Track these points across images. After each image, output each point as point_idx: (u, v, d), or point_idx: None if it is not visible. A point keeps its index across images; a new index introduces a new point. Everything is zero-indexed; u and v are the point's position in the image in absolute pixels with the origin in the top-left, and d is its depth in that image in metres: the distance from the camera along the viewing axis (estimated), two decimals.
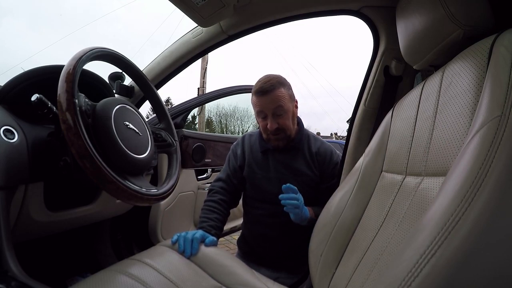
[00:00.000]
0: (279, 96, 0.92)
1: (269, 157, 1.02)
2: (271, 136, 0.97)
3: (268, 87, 0.92)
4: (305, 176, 0.99)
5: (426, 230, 0.33)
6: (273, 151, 1.02)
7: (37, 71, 0.76)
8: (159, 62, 1.07)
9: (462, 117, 0.43)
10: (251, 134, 1.10)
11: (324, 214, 0.77)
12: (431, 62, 0.61)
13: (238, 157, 1.07)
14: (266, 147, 1.02)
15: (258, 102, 0.94)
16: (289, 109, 0.96)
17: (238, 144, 1.11)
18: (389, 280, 0.34)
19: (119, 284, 0.56)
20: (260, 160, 1.03)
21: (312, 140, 1.03)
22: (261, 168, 1.02)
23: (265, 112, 0.94)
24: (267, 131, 0.96)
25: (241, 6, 0.87)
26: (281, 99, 0.92)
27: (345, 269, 0.63)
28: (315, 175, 0.99)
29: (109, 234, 1.25)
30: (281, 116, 0.94)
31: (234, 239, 2.41)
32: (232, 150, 1.11)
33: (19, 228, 0.74)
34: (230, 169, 1.06)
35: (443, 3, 0.51)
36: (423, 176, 0.50)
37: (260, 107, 0.94)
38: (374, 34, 0.91)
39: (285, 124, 0.95)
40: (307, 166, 0.99)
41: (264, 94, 0.92)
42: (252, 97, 0.97)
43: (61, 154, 0.69)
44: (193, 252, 0.73)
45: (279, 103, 0.92)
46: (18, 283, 0.55)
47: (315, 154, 1.00)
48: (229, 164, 1.08)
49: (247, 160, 1.05)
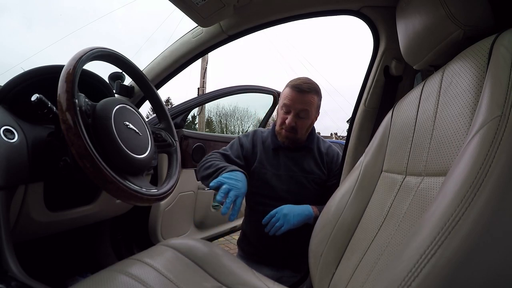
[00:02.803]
0: (311, 101, 0.96)
1: (280, 155, 1.04)
2: (283, 132, 0.98)
3: (306, 88, 0.95)
4: (314, 174, 1.01)
5: (426, 230, 0.33)
6: (284, 149, 1.03)
7: (37, 71, 0.76)
8: (159, 62, 1.07)
9: (462, 117, 0.43)
10: (262, 130, 1.11)
11: (324, 214, 0.77)
12: (431, 62, 0.61)
13: (244, 149, 1.06)
14: (278, 144, 1.03)
15: (289, 96, 0.96)
16: (311, 117, 0.99)
17: (248, 136, 1.09)
18: (389, 280, 0.34)
19: (119, 284, 0.56)
20: (271, 157, 1.04)
21: (321, 142, 1.09)
22: (272, 165, 1.03)
23: (291, 109, 0.96)
24: (283, 125, 0.98)
25: (241, 6, 0.87)
26: (310, 104, 0.96)
27: (345, 269, 0.63)
28: (324, 174, 1.02)
29: (109, 234, 1.25)
30: (302, 120, 0.97)
31: (234, 239, 2.41)
32: (239, 139, 1.09)
33: (19, 228, 0.74)
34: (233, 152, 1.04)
35: (443, 3, 0.51)
36: (423, 176, 0.50)
37: (289, 102, 0.96)
38: (374, 34, 0.91)
39: (301, 128, 0.98)
40: (316, 165, 1.02)
41: (300, 92, 0.95)
42: (285, 89, 0.99)
43: (61, 154, 0.69)
44: (230, 219, 0.76)
45: (307, 107, 0.96)
46: (18, 283, 0.55)
47: (324, 154, 1.04)
48: (232, 148, 1.07)
49: (259, 156, 1.05)
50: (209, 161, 0.98)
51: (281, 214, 0.88)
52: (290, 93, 0.96)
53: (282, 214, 0.88)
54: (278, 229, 0.87)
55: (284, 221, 0.87)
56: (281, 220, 0.87)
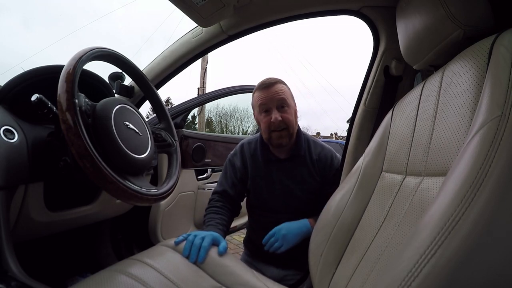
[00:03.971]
0: (282, 89, 0.95)
1: (272, 167, 1.00)
2: (274, 134, 0.93)
3: (271, 81, 0.95)
4: (308, 184, 0.98)
5: (426, 230, 0.33)
6: (275, 161, 1.00)
7: (37, 71, 0.77)
8: (159, 62, 1.07)
9: (462, 117, 0.43)
10: (249, 141, 1.06)
11: (324, 214, 0.77)
12: (431, 62, 0.61)
13: (237, 170, 1.03)
14: (268, 157, 1.00)
15: (261, 95, 0.94)
16: (292, 106, 0.96)
17: (236, 154, 1.06)
18: (389, 280, 0.34)
19: (119, 284, 0.55)
20: (263, 172, 1.00)
21: (312, 145, 1.02)
22: (265, 180, 1.00)
23: (269, 105, 0.93)
24: (270, 127, 0.93)
25: (241, 6, 0.87)
26: (283, 92, 0.95)
27: (345, 269, 0.63)
28: (317, 182, 0.99)
29: (109, 234, 1.25)
30: (285, 110, 0.94)
31: (234, 239, 2.41)
32: (229, 161, 1.06)
33: (19, 228, 0.74)
34: (228, 183, 1.03)
35: (443, 3, 0.51)
36: (423, 176, 0.50)
37: (264, 100, 0.94)
38: (374, 34, 0.91)
39: (289, 120, 0.93)
40: (309, 173, 0.99)
41: (268, 87, 0.94)
42: (254, 94, 0.97)
43: (61, 154, 0.69)
44: (199, 260, 0.69)
45: (283, 96, 0.94)
46: (18, 283, 0.55)
47: (316, 161, 0.99)
48: (226, 176, 1.04)
49: (250, 173, 1.01)
50: (207, 211, 0.99)
51: (280, 235, 0.88)
52: (259, 93, 0.95)
53: (281, 236, 0.88)
54: (277, 249, 0.88)
55: (283, 242, 0.88)
56: (280, 241, 0.88)
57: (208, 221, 0.92)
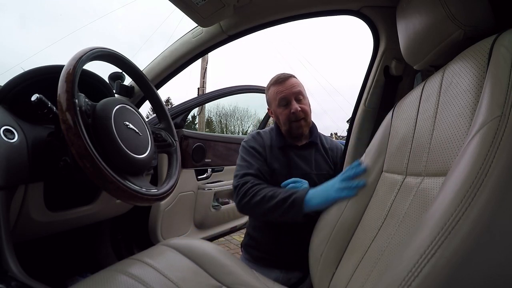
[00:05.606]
0: (297, 82, 0.99)
1: (289, 153, 1.00)
2: (294, 124, 0.97)
3: (285, 76, 0.99)
4: (324, 170, 1.01)
5: (426, 230, 0.33)
6: (293, 148, 1.01)
7: (37, 71, 0.77)
8: (159, 62, 1.07)
9: (462, 117, 0.43)
10: (263, 131, 1.07)
11: (324, 214, 0.77)
12: (431, 62, 0.61)
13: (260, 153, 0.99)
14: (285, 142, 1.01)
15: (280, 89, 0.97)
16: (306, 97, 1.00)
17: (255, 140, 1.02)
18: (389, 280, 0.34)
19: (119, 284, 0.55)
20: (281, 158, 0.99)
21: (323, 136, 1.09)
22: (284, 167, 0.98)
23: (288, 98, 0.96)
24: (291, 118, 0.96)
25: (241, 6, 0.87)
26: (299, 85, 0.99)
27: (345, 269, 0.63)
28: (331, 169, 1.03)
29: (109, 234, 1.25)
30: (302, 102, 0.98)
31: (234, 239, 2.41)
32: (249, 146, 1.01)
33: (19, 228, 0.74)
34: (259, 164, 0.96)
35: (443, 3, 0.51)
36: (423, 176, 0.50)
37: (282, 94, 0.97)
38: (374, 34, 0.91)
39: (306, 110, 0.98)
40: (324, 160, 1.03)
41: (284, 80, 0.98)
42: (270, 90, 1.00)
43: (61, 154, 0.69)
44: None
45: (299, 88, 0.98)
46: (18, 283, 0.55)
47: (329, 149, 1.05)
48: (255, 159, 0.98)
49: (268, 159, 0.99)
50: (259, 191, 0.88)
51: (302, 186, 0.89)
52: (278, 87, 0.98)
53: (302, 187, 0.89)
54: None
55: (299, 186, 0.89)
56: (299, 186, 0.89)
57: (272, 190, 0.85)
